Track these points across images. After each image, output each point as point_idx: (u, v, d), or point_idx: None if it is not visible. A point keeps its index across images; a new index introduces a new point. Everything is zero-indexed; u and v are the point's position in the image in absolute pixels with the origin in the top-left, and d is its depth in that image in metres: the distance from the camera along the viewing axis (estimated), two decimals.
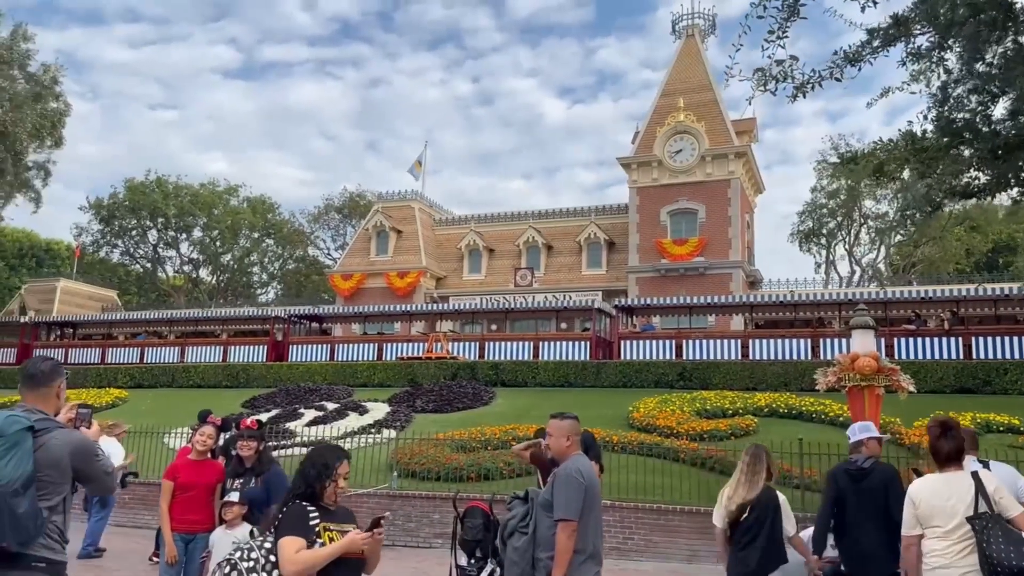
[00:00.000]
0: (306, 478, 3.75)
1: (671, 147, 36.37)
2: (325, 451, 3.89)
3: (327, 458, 3.81)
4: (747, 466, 5.79)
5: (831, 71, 6.11)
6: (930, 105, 6.68)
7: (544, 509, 4.55)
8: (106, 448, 11.99)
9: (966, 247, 43.07)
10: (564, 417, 4.84)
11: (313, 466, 3.77)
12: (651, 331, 27.14)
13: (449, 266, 42.12)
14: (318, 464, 3.78)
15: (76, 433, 3.70)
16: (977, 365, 20.41)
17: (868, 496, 5.63)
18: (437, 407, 20.90)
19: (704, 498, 13.35)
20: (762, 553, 5.41)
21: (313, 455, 3.86)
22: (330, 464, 3.79)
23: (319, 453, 3.86)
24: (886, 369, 12.15)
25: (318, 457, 3.82)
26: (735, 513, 5.56)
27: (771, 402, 18.75)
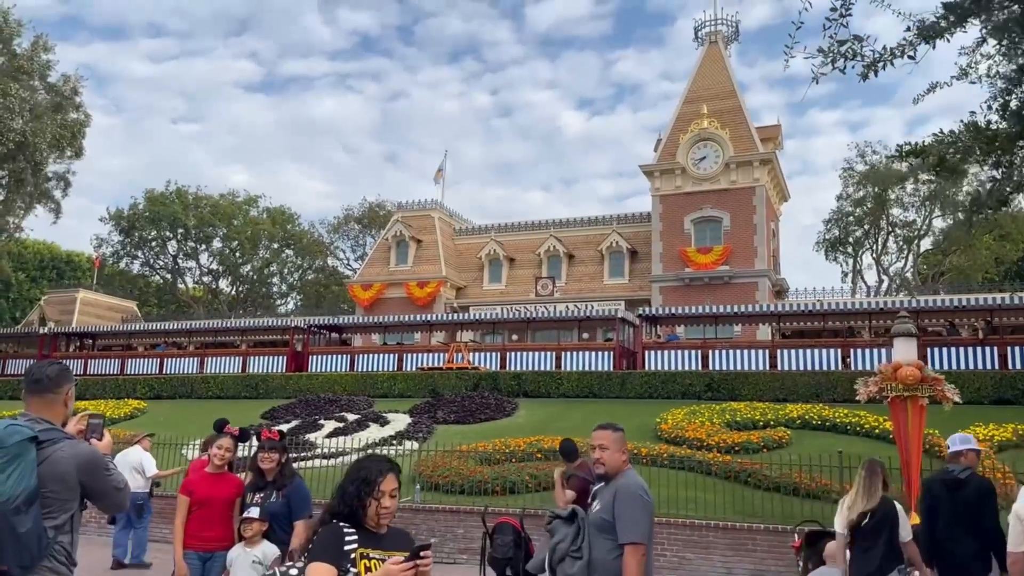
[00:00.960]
0: (344, 496, 3.23)
1: (695, 154, 35.88)
2: (368, 463, 3.35)
3: (368, 471, 3.27)
4: (865, 479, 6.21)
5: (903, 49, 5.68)
6: (994, 94, 6.23)
7: (601, 531, 4.11)
8: (141, 459, 11.87)
9: (996, 256, 42.15)
10: (615, 428, 4.42)
11: (352, 482, 3.24)
12: (676, 341, 26.63)
13: (469, 276, 41.79)
14: (356, 479, 3.24)
15: (84, 445, 3.36)
16: (1016, 375, 19.76)
17: (963, 507, 5.78)
18: (459, 418, 20.53)
19: (738, 513, 12.87)
20: (882, 555, 5.85)
21: (353, 468, 3.33)
22: (371, 479, 3.23)
23: (360, 466, 3.33)
24: (930, 379, 11.63)
25: (358, 471, 3.29)
26: (856, 520, 6.02)
27: (803, 413, 18.22)
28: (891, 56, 5.59)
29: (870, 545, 5.94)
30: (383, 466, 3.31)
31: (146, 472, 11.79)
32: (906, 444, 11.04)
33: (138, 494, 11.47)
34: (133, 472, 11.68)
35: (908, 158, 6.53)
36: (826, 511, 12.54)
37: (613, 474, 4.30)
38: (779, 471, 13.65)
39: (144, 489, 11.76)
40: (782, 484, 13.41)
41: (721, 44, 38.40)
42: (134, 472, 11.70)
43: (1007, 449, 15.00)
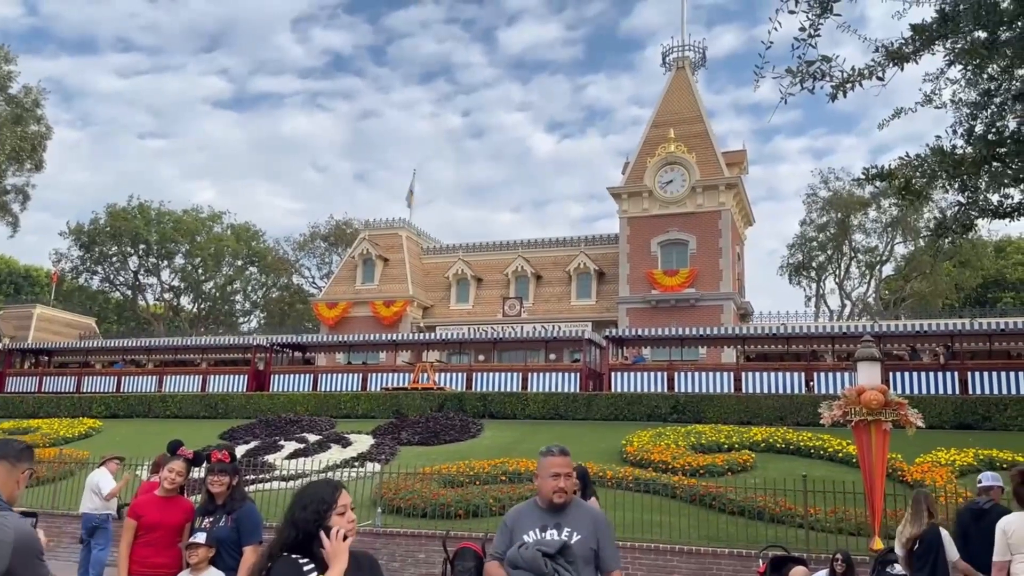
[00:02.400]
0: (297, 524, 2.96)
1: (662, 178, 36.17)
2: (318, 486, 3.11)
3: (322, 490, 3.04)
4: (912, 509, 7.17)
5: (871, 70, 5.69)
6: (960, 119, 6.28)
7: (587, 563, 3.92)
8: (99, 480, 11.53)
9: (955, 282, 42.98)
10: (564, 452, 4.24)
11: (304, 507, 2.99)
12: (642, 363, 26.62)
13: (436, 295, 41.54)
14: (313, 501, 3.00)
15: (28, 524, 3.13)
16: (976, 400, 20.02)
17: (986, 533, 6.36)
18: (423, 439, 20.24)
19: (703, 537, 12.76)
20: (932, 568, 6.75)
21: (303, 494, 3.08)
22: (327, 497, 3.01)
23: (311, 490, 3.08)
24: (893, 403, 11.68)
25: (311, 494, 3.04)
26: (907, 545, 6.99)
27: (767, 437, 18.25)
28: (860, 77, 5.61)
29: (921, 566, 6.86)
30: (333, 483, 3.14)
31: (101, 492, 11.41)
32: (870, 468, 11.05)
33: (95, 516, 11.18)
34: (91, 494, 11.40)
35: (874, 181, 6.55)
36: (790, 535, 12.51)
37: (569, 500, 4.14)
38: (743, 495, 13.59)
39: (102, 511, 11.39)
40: (747, 508, 13.35)
41: (688, 70, 38.90)
42: (92, 494, 11.41)
43: (968, 474, 15.11)
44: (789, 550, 10.20)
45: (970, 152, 5.93)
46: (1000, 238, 46.58)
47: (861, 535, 11.81)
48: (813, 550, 11.50)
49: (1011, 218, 6.29)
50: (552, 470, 4.12)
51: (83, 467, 17.00)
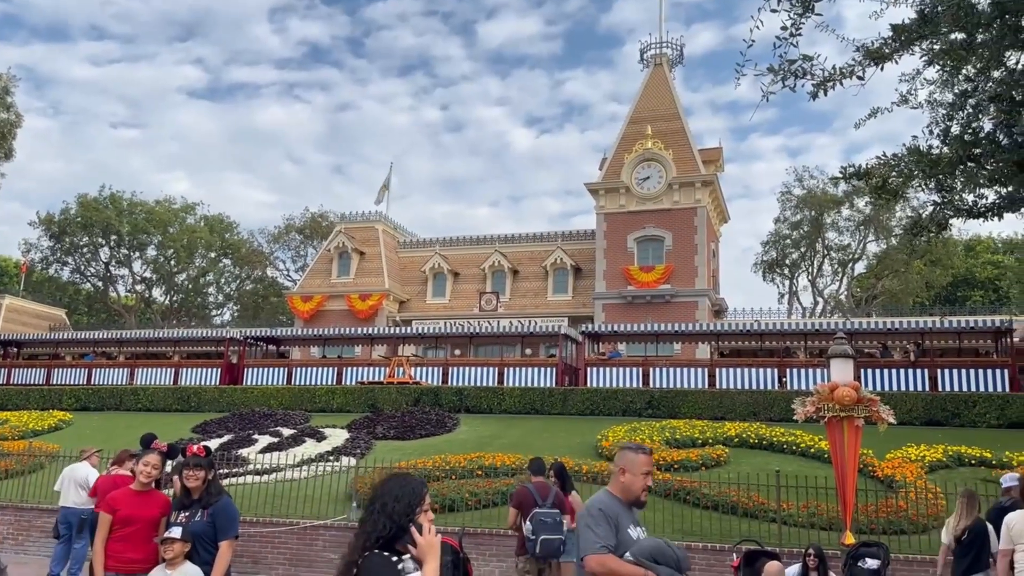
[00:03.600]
0: (393, 517, 2.86)
1: (639, 174, 36.32)
2: (408, 480, 3.01)
3: (414, 486, 2.96)
4: (964, 504, 8.18)
5: (852, 70, 5.75)
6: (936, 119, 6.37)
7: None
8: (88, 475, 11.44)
9: (926, 280, 43.65)
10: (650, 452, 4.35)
11: (398, 500, 2.88)
12: (617, 358, 26.76)
13: (412, 289, 41.41)
14: (406, 494, 2.91)
15: None
16: (945, 397, 20.36)
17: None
18: (399, 434, 20.18)
19: (677, 531, 12.86)
20: (974, 559, 7.82)
21: (392, 487, 2.96)
22: (419, 493, 2.96)
23: (402, 483, 2.96)
24: (865, 400, 11.84)
25: (403, 486, 2.93)
26: (958, 534, 8.03)
27: (741, 432, 18.40)
28: (840, 76, 5.67)
29: (966, 552, 7.92)
30: (420, 479, 3.10)
31: (90, 485, 11.31)
32: (842, 464, 11.19)
33: (82, 510, 11.08)
34: (78, 488, 11.31)
35: (851, 180, 6.64)
36: (763, 530, 12.65)
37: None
38: (717, 489, 13.72)
39: (88, 505, 11.28)
40: (720, 502, 13.47)
41: (666, 67, 39.08)
42: (79, 488, 11.32)
43: (937, 470, 15.38)
44: (762, 544, 10.31)
45: (946, 152, 6.03)
46: (970, 237, 47.41)
47: (833, 530, 11.97)
48: (786, 545, 11.64)
49: (984, 218, 6.42)
50: (644, 468, 4.20)
51: (53, 460, 16.75)
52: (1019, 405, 19.43)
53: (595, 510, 4.05)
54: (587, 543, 3.91)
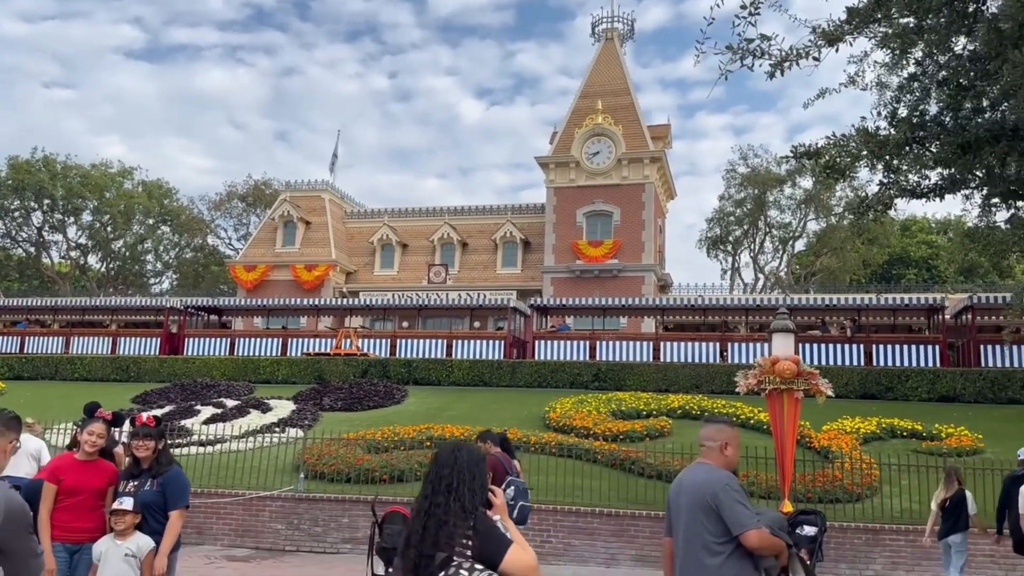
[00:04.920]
0: (481, 482, 3.05)
1: (588, 149, 36.45)
2: (472, 447, 3.20)
3: (481, 454, 3.16)
4: (946, 478, 9.96)
5: (807, 50, 5.87)
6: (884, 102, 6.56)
7: None
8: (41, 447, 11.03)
9: (863, 259, 45.00)
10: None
11: (477, 466, 3.07)
12: (566, 331, 27.02)
13: (360, 260, 40.99)
14: (477, 461, 3.09)
15: (16, 495, 2.95)
16: (880, 372, 21.13)
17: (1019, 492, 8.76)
18: (346, 405, 20.12)
19: (622, 500, 13.17)
20: (955, 521, 9.57)
21: (467, 457, 3.09)
22: (484, 459, 3.19)
23: (471, 452, 3.12)
24: (805, 373, 12.22)
25: (472, 454, 3.09)
26: (941, 504, 9.79)
27: (684, 404, 18.85)
28: (797, 56, 5.79)
29: (949, 517, 9.60)
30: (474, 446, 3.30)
31: (41, 461, 10.93)
32: (781, 435, 11.55)
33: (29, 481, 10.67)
34: (31, 460, 10.90)
35: (802, 159, 6.80)
36: None
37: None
38: (661, 459, 14.07)
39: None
40: (664, 472, 13.82)
41: (617, 41, 39.13)
42: (31, 459, 10.92)
43: (871, 441, 16.00)
44: None
45: (894, 134, 6.23)
46: (906, 218, 48.93)
47: (771, 498, 12.37)
48: None
49: (927, 198, 6.67)
50: (738, 441, 4.23)
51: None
52: (949, 379, 20.29)
53: (736, 485, 4.01)
54: (746, 518, 3.83)
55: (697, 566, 3.82)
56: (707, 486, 3.91)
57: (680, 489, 4.05)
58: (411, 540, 2.91)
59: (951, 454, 14.35)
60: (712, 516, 3.82)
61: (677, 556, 4.01)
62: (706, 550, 3.81)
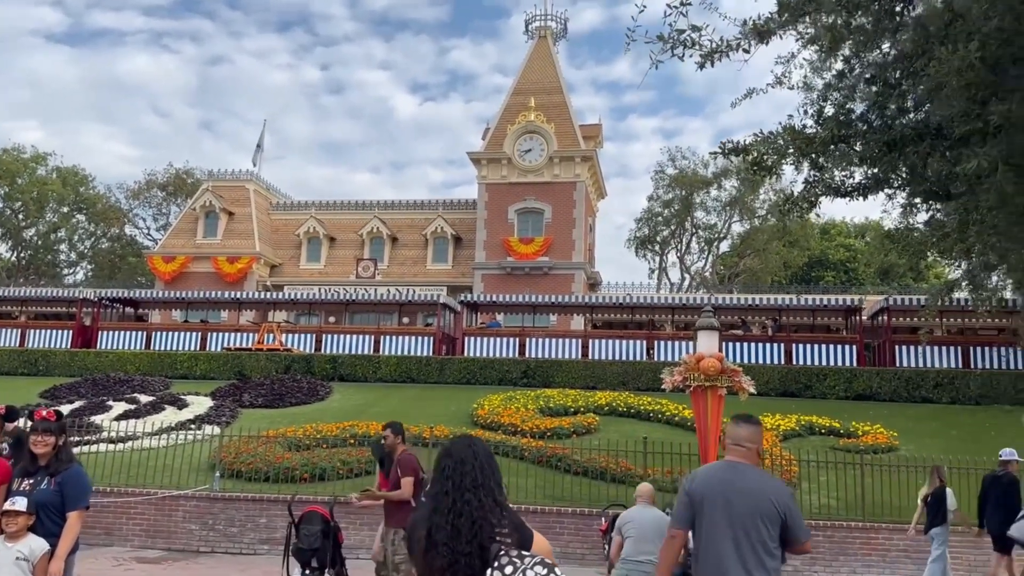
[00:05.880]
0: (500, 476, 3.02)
1: (521, 146, 36.43)
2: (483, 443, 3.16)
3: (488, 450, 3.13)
4: (931, 475, 10.65)
5: (738, 43, 5.86)
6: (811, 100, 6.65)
7: None
8: None
9: (784, 260, 46.30)
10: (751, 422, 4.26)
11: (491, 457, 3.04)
12: (496, 328, 26.93)
13: (285, 253, 40.00)
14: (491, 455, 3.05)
15: None
16: (799, 370, 21.70)
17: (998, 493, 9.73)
18: (267, 402, 19.58)
19: (548, 497, 13.14)
20: (934, 515, 10.25)
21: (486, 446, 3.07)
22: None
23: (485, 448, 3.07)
24: (729, 370, 12.40)
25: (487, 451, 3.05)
26: (925, 500, 10.52)
27: (611, 400, 18.99)
28: (728, 48, 5.79)
29: (931, 511, 10.26)
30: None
31: None
32: (705, 431, 11.68)
33: None
34: None
35: (729, 155, 6.84)
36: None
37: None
38: (587, 456, 14.11)
39: None
40: (590, 468, 13.86)
41: (550, 40, 39.22)
42: None
43: (791, 438, 16.39)
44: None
45: (820, 132, 6.31)
46: (826, 221, 50.60)
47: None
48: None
49: (851, 197, 6.79)
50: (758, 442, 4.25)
51: None
52: (865, 378, 20.99)
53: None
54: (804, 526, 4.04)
55: (758, 568, 3.87)
56: (775, 494, 3.96)
57: (728, 488, 3.96)
58: (436, 538, 2.83)
59: (867, 451, 14.79)
60: (776, 522, 3.89)
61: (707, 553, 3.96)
62: (768, 554, 3.88)
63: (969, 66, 4.69)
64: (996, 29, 4.69)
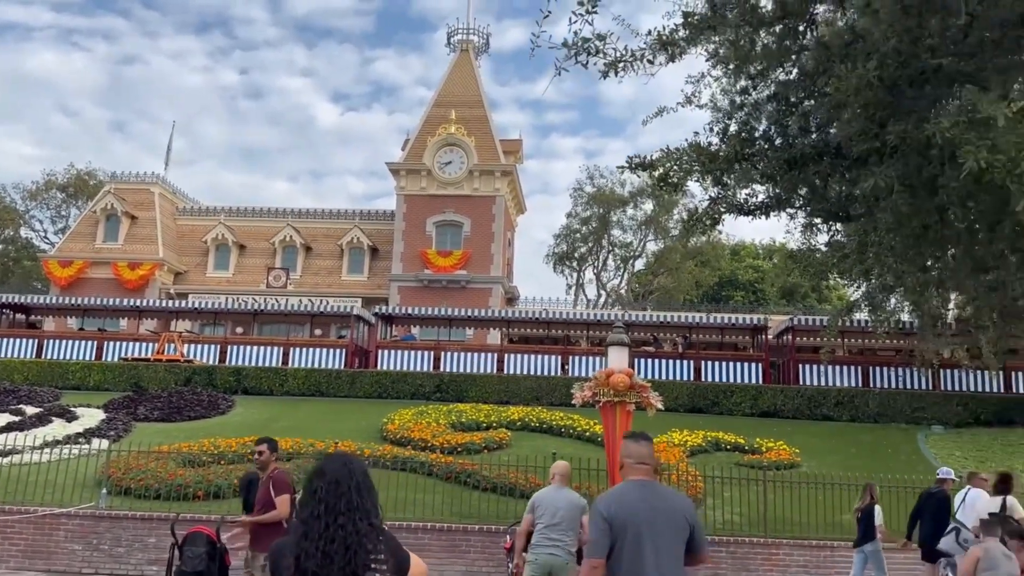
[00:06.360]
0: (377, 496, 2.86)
1: (441, 158, 36.18)
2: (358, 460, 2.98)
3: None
4: (862, 493, 11.18)
5: (643, 53, 5.81)
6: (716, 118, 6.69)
7: None
8: None
9: (696, 279, 47.41)
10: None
11: (370, 480, 2.89)
12: (410, 341, 26.50)
13: (192, 260, 38.47)
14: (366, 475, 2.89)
15: None
16: (707, 387, 22.09)
17: (932, 508, 10.13)
18: (164, 415, 18.69)
19: (455, 514, 12.86)
20: (865, 529, 10.61)
21: (363, 464, 2.90)
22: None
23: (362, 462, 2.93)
24: (638, 386, 12.43)
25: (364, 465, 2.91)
26: (856, 515, 10.91)
27: (524, 416, 18.87)
28: (632, 59, 5.74)
29: (861, 526, 10.69)
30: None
31: None
32: (613, 447, 11.64)
33: None
34: None
35: (637, 170, 6.81)
36: None
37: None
38: (497, 471, 13.90)
39: None
40: (499, 484, 13.66)
41: (472, 54, 39.21)
42: None
43: (698, 454, 16.57)
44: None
45: (724, 149, 6.34)
46: (736, 242, 52.10)
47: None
48: None
49: (754, 215, 6.85)
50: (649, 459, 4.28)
51: None
52: (770, 396, 21.51)
53: None
54: (705, 538, 4.19)
55: None
56: (685, 508, 4.06)
57: (647, 508, 3.95)
58: (306, 566, 2.62)
59: (770, 467, 15.06)
60: (686, 536, 3.97)
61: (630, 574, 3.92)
62: (679, 570, 3.97)
63: (868, 85, 4.77)
64: (894, 51, 4.78)
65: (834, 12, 5.82)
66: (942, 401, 20.97)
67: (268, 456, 7.26)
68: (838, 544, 12.42)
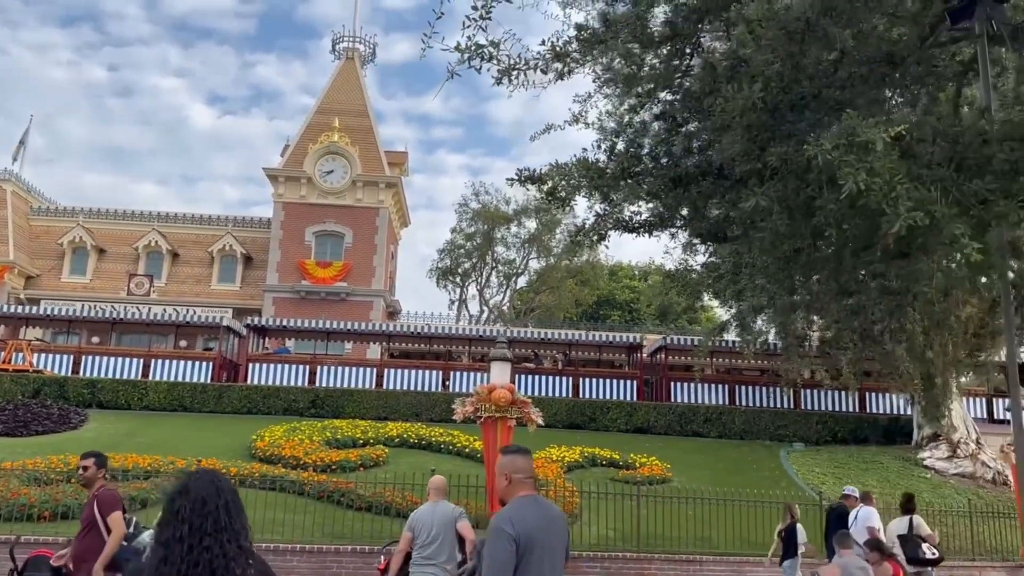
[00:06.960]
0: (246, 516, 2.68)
1: (322, 167, 35.29)
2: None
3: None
4: (784, 512, 11.56)
5: (537, 62, 5.77)
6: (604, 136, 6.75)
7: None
8: None
9: (576, 298, 48.29)
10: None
11: (239, 499, 2.72)
12: (284, 354, 25.52)
13: (45, 264, 35.76)
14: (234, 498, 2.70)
15: None
16: (585, 403, 22.41)
17: (834, 521, 11.06)
18: (8, 430, 17.30)
19: (328, 535, 12.38)
20: (788, 548, 11.12)
21: (229, 481, 2.74)
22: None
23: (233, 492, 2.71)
24: (519, 402, 12.42)
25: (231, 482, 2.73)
26: (780, 535, 11.35)
27: (403, 432, 18.49)
28: (525, 66, 5.70)
29: (785, 544, 11.19)
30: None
31: None
32: (494, 462, 11.52)
33: None
34: None
35: (526, 183, 6.78)
36: None
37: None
38: (372, 490, 13.52)
39: None
40: (374, 503, 13.28)
41: (358, 62, 38.60)
42: None
43: (574, 470, 16.70)
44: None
45: (611, 167, 6.40)
46: (614, 263, 53.51)
47: (480, 528, 12.27)
48: None
49: (638, 233, 6.96)
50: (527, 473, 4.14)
51: None
52: (644, 412, 22.04)
53: None
54: None
55: None
56: (565, 520, 4.05)
57: (544, 524, 3.87)
58: None
59: (644, 483, 15.34)
60: (565, 548, 3.97)
61: None
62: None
63: (752, 107, 4.91)
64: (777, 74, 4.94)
65: (720, 36, 6.00)
66: (803, 419, 22.09)
67: (94, 472, 6.60)
68: (707, 559, 12.76)
